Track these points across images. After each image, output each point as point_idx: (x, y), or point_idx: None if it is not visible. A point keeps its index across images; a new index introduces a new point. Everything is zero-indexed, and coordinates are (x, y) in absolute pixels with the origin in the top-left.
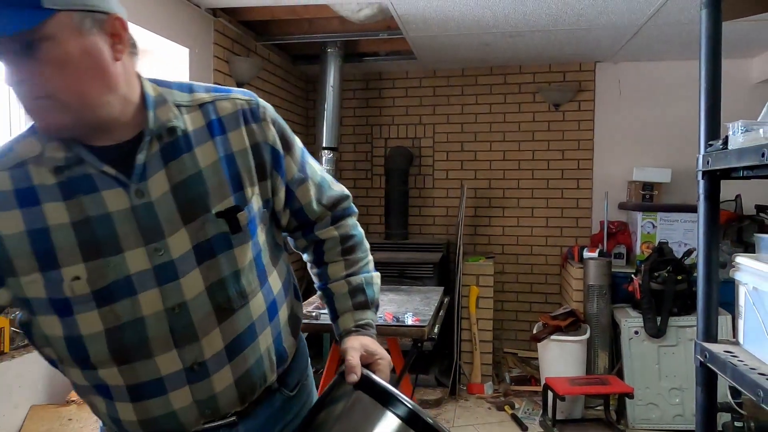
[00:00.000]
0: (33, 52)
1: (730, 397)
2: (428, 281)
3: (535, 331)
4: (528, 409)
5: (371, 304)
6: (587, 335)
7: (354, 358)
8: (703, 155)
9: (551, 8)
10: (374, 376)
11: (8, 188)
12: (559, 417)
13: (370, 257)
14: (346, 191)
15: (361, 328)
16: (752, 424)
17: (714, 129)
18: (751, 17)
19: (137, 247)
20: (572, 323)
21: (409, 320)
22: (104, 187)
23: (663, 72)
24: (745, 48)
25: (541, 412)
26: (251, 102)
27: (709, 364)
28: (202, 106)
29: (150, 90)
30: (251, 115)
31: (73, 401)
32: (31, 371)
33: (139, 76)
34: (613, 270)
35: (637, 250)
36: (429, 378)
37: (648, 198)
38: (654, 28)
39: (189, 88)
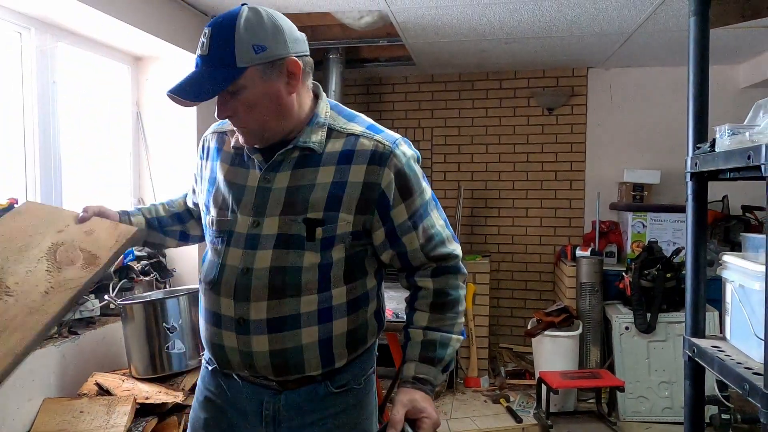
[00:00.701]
0: (234, 96)
1: (717, 390)
2: None
3: (529, 327)
4: (523, 402)
5: (438, 363)
6: (580, 331)
7: (399, 414)
8: (692, 157)
9: (545, 16)
10: None
11: (213, 145)
12: (552, 410)
13: (461, 320)
14: (458, 251)
15: (418, 381)
16: (738, 416)
17: (702, 132)
18: (738, 25)
19: (247, 215)
20: (565, 319)
21: None
22: (251, 167)
23: (653, 77)
24: (732, 54)
25: (535, 404)
26: (387, 147)
27: (697, 359)
28: (349, 135)
29: (322, 110)
30: (379, 158)
31: (84, 394)
32: (44, 366)
33: (316, 95)
34: (604, 268)
35: (628, 249)
36: None
37: (638, 199)
38: (644, 36)
39: (352, 118)
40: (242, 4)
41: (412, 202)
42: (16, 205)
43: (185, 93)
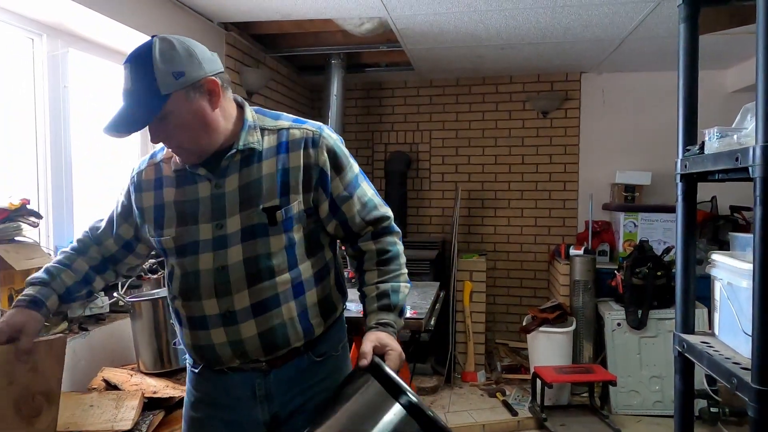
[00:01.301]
0: (163, 121)
1: (706, 384)
2: (425, 277)
3: (524, 323)
4: (518, 396)
5: (394, 308)
6: (573, 327)
7: (367, 347)
8: (681, 159)
9: (540, 23)
10: (383, 363)
11: (151, 177)
12: (546, 403)
13: (404, 270)
14: (389, 214)
15: (380, 326)
16: (727, 410)
17: (691, 135)
18: (726, 31)
19: (207, 222)
20: (559, 316)
21: (408, 313)
22: (199, 181)
23: (644, 82)
24: (721, 60)
25: (530, 398)
26: (315, 132)
27: (686, 354)
28: (279, 130)
29: (249, 116)
30: (311, 143)
31: (94, 389)
32: None
33: (239, 104)
34: (597, 266)
35: (620, 248)
36: (426, 367)
37: (630, 199)
38: (635, 41)
39: (277, 117)
40: (152, 36)
41: (345, 175)
42: (28, 206)
43: (119, 128)
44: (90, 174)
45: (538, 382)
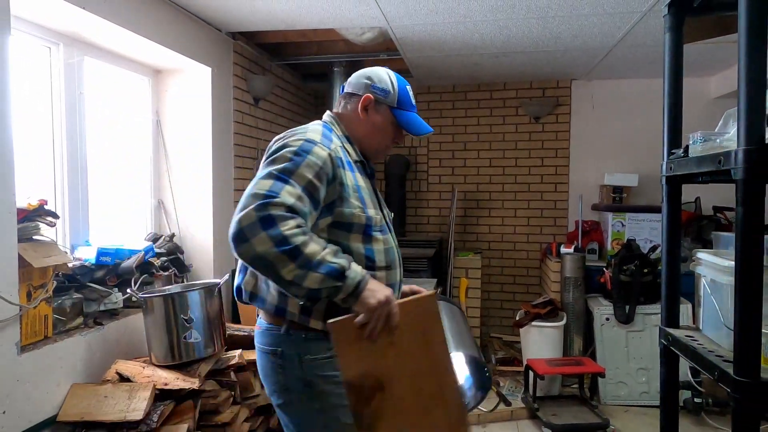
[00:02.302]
0: None
1: (690, 376)
2: (423, 274)
3: (517, 318)
4: (511, 387)
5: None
6: (564, 321)
7: (414, 287)
8: (667, 162)
9: (532, 32)
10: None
11: (342, 158)
12: (539, 394)
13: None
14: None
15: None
16: (710, 400)
17: (676, 139)
18: (709, 40)
19: (382, 209)
20: (551, 311)
21: None
22: (366, 174)
23: (631, 88)
24: (704, 67)
25: (523, 389)
26: None
27: (671, 347)
28: None
29: None
30: None
31: (108, 380)
32: (71, 353)
33: None
34: (586, 264)
35: (608, 247)
36: None
37: (618, 200)
38: (623, 50)
39: None
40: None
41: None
42: (45, 206)
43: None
44: (104, 176)
45: (531, 374)
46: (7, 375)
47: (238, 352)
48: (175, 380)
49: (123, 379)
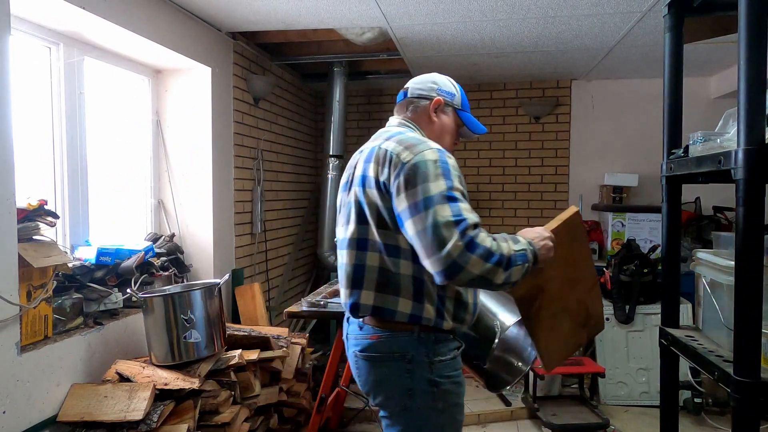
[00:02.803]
0: None
1: (690, 376)
2: None
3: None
4: (512, 387)
5: None
6: None
7: None
8: (667, 162)
9: (532, 32)
10: None
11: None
12: (539, 394)
13: None
14: None
15: None
16: (710, 400)
17: (676, 139)
18: (709, 40)
19: None
20: None
21: None
22: None
23: (631, 88)
24: (704, 67)
25: (523, 389)
26: None
27: (671, 347)
28: None
29: None
30: None
31: (108, 380)
32: (71, 353)
33: None
34: None
35: (608, 246)
36: None
37: (618, 200)
38: (623, 50)
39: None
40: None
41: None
42: (45, 206)
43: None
44: (104, 175)
45: (531, 374)
46: (7, 375)
47: (238, 352)
48: (175, 380)
49: (123, 379)
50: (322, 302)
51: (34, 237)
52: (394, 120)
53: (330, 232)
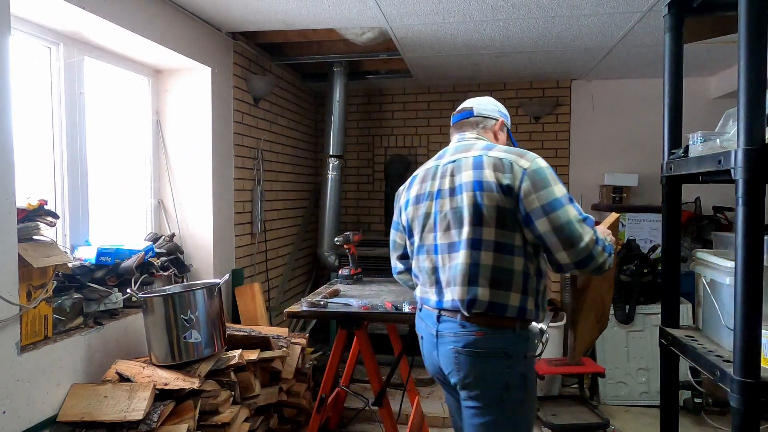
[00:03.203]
0: None
1: (690, 376)
2: None
3: None
4: None
5: None
6: (564, 321)
7: None
8: (667, 162)
9: (532, 32)
10: None
11: None
12: (539, 394)
13: None
14: None
15: None
16: (710, 400)
17: (676, 139)
18: (709, 40)
19: None
20: (551, 311)
21: (407, 308)
22: None
23: (631, 88)
24: (704, 67)
25: None
26: None
27: (671, 347)
28: None
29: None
30: None
31: (108, 380)
32: (71, 353)
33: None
34: None
35: None
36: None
37: (618, 200)
38: (623, 50)
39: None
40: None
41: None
42: (45, 206)
43: None
44: (104, 175)
45: None
46: (7, 375)
47: (238, 352)
48: (175, 380)
49: (123, 379)
50: (322, 302)
51: (34, 237)
52: (470, 134)
53: (330, 232)
